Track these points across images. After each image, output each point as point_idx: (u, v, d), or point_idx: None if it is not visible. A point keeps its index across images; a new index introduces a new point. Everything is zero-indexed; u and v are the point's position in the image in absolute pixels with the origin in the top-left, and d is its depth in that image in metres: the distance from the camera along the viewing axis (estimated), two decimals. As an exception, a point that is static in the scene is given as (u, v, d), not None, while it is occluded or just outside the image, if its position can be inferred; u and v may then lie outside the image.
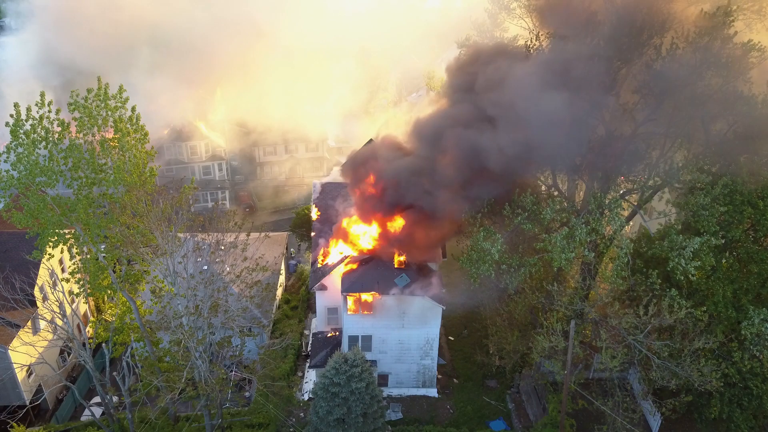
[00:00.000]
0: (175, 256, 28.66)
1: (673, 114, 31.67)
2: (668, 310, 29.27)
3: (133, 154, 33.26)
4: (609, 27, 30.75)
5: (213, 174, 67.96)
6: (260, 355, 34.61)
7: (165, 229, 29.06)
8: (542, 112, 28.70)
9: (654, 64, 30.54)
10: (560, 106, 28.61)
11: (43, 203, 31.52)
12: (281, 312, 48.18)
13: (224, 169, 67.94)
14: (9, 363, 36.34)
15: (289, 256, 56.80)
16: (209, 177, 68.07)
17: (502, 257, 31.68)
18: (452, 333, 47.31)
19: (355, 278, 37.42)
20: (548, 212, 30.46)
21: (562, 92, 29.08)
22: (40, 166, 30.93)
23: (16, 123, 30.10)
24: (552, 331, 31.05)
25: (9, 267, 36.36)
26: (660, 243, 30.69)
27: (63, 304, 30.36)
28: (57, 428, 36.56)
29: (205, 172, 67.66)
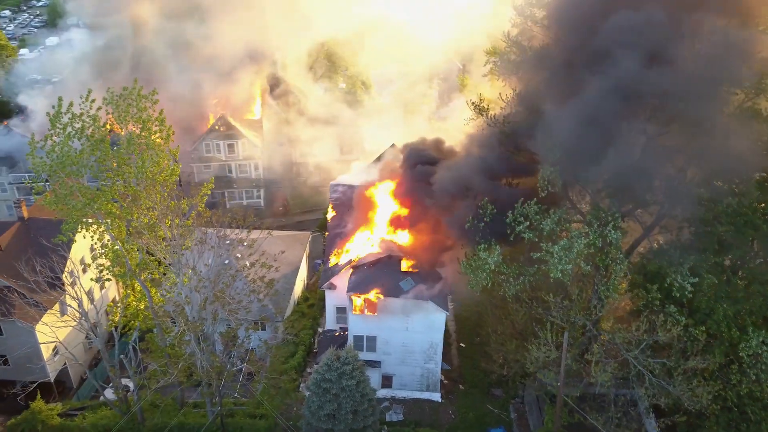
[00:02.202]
0: (178, 249, 30.20)
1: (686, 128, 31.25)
2: (662, 327, 28.90)
3: (155, 153, 35.21)
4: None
5: (249, 172, 70.17)
6: (265, 349, 35.81)
7: (173, 222, 30.71)
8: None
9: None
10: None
11: (69, 191, 33.88)
12: (298, 309, 49.51)
13: (260, 168, 70.05)
14: (36, 341, 38.94)
15: (313, 256, 58.12)
16: (245, 175, 70.31)
17: (500, 267, 31.94)
18: (464, 340, 47.54)
19: (361, 279, 38.33)
20: (548, 223, 30.53)
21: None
22: (71, 156, 33.30)
23: (56, 114, 32.65)
24: (544, 341, 31.09)
25: (42, 251, 38.89)
26: (659, 258, 30.35)
27: (77, 288, 32.38)
28: (74, 405, 38.93)
29: (242, 170, 69.95)
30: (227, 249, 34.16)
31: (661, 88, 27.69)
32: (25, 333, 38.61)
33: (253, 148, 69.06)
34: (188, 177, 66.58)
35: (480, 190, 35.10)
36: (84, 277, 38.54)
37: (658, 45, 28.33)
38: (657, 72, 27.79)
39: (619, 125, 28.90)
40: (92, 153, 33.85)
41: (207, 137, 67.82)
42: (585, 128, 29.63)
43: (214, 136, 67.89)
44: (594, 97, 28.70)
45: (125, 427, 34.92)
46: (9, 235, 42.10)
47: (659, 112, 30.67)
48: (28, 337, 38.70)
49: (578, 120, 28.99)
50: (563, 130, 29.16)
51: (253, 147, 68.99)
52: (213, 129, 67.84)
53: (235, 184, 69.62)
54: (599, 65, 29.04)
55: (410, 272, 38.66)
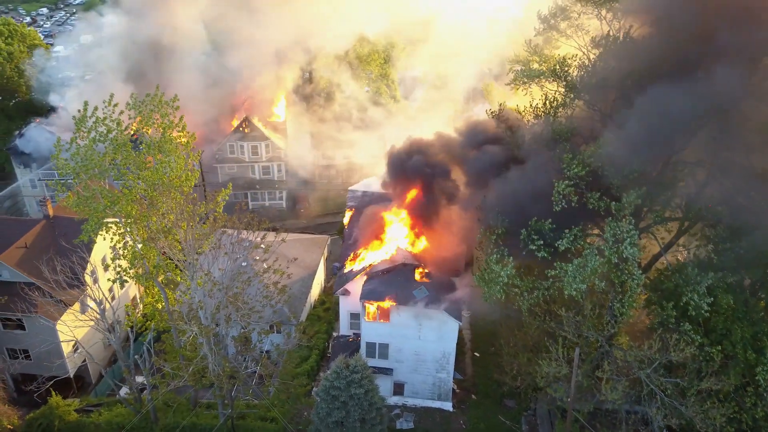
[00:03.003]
0: (193, 253, 30.64)
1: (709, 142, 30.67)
2: (675, 347, 28.41)
3: (175, 158, 35.77)
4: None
5: (272, 174, 70.88)
6: (277, 353, 36.12)
7: (188, 226, 31.16)
8: None
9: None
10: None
11: (92, 193, 34.64)
12: (314, 312, 49.85)
13: (283, 169, 70.69)
14: (56, 338, 39.89)
15: (331, 259, 58.46)
16: (268, 177, 71.03)
17: (512, 280, 31.73)
18: (479, 349, 47.30)
19: (374, 286, 38.43)
20: (563, 243, 30.19)
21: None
22: (94, 160, 34.05)
23: (82, 117, 33.44)
24: (555, 357, 30.81)
25: (64, 250, 39.81)
26: (675, 276, 29.84)
27: (97, 289, 33.09)
28: (91, 401, 39.80)
29: (265, 171, 70.68)
30: (244, 252, 34.47)
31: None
32: (47, 329, 39.59)
33: (277, 150, 69.72)
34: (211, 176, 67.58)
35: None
36: (104, 278, 39.25)
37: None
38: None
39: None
40: (114, 156, 34.57)
41: (231, 138, 68.67)
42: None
43: (238, 137, 68.72)
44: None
45: (138, 425, 35.59)
46: (34, 233, 43.20)
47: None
48: (49, 334, 39.66)
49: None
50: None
51: (277, 149, 69.65)
52: (237, 130, 68.67)
53: (258, 185, 70.34)
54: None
55: (424, 281, 38.65)
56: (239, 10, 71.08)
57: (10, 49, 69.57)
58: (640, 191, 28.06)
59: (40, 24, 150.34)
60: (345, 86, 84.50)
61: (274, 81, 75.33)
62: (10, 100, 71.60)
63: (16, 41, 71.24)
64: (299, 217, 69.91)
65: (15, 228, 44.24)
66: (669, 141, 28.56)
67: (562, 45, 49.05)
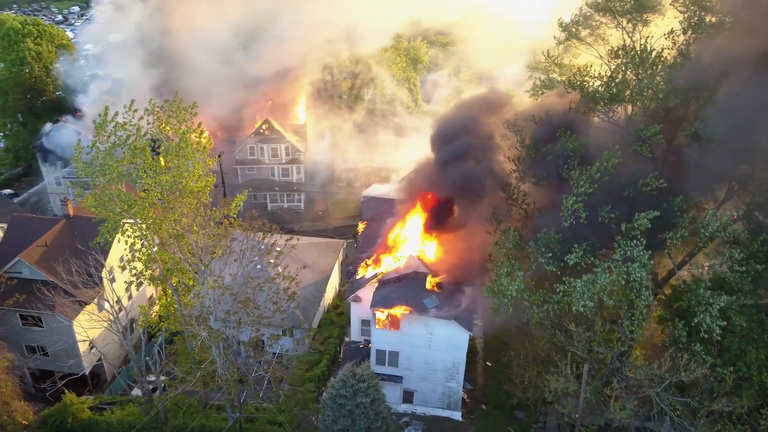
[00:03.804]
0: (204, 258, 30.99)
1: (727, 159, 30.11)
2: (685, 367, 27.92)
3: (192, 163, 36.21)
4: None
5: (291, 176, 71.31)
6: (286, 358, 36.35)
7: (201, 231, 31.54)
8: None
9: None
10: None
11: (109, 196, 35.27)
12: (327, 316, 50.03)
13: (302, 172, 71.08)
14: (73, 336, 40.65)
15: (347, 263, 58.61)
16: (287, 179, 71.48)
17: (521, 293, 31.50)
18: (491, 359, 47.04)
19: (385, 294, 38.45)
20: (573, 257, 29.87)
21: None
22: (112, 165, 34.66)
23: (102, 122, 34.10)
24: (563, 373, 30.50)
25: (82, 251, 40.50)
26: (688, 295, 29.32)
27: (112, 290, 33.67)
28: (104, 399, 40.50)
29: (284, 173, 71.15)
30: (256, 257, 34.78)
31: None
32: (64, 327, 40.38)
33: (296, 153, 70.13)
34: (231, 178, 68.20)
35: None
36: (121, 279, 39.85)
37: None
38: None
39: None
40: (132, 160, 35.14)
41: (251, 140, 69.26)
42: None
43: (259, 139, 69.28)
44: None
45: (149, 425, 36.12)
46: (54, 232, 44.07)
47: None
48: (65, 332, 40.45)
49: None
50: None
51: (296, 151, 70.06)
52: (257, 132, 69.22)
53: (277, 187, 70.82)
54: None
55: (435, 290, 38.57)
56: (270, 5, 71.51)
57: (38, 49, 71.06)
58: (650, 215, 27.57)
59: (71, 22, 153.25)
60: (366, 89, 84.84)
61: (296, 83, 75.83)
62: (38, 99, 73.13)
63: (44, 41, 72.70)
64: (317, 220, 70.21)
65: (36, 226, 45.18)
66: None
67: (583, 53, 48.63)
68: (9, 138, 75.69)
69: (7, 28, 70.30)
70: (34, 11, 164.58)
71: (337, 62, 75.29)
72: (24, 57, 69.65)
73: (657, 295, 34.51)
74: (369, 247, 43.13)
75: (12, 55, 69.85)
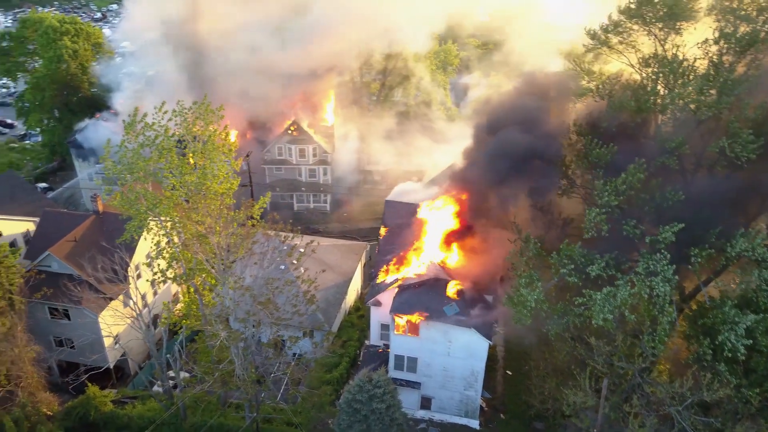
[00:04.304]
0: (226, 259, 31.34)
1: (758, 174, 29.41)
2: (707, 387, 27.25)
3: (218, 165, 36.62)
4: None
5: (318, 177, 71.71)
6: (303, 361, 36.54)
7: (222, 232, 31.90)
8: None
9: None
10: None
11: (136, 195, 35.90)
12: (348, 319, 50.17)
13: (329, 173, 71.44)
14: (99, 330, 41.51)
15: (370, 265, 58.65)
16: (314, 179, 71.90)
17: (541, 305, 31.13)
18: (512, 367, 46.63)
19: (405, 299, 38.38)
20: (594, 269, 29.43)
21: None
22: (140, 164, 35.29)
23: (132, 122, 34.76)
24: (581, 387, 30.04)
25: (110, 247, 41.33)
26: (713, 313, 28.61)
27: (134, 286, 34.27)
28: (127, 393, 41.26)
29: (311, 174, 71.58)
30: (277, 259, 35.05)
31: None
32: (90, 321, 41.25)
33: (323, 154, 70.50)
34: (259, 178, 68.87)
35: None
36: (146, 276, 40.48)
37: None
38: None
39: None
40: (159, 160, 35.71)
41: (279, 140, 69.84)
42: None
43: (287, 139, 69.83)
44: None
45: (168, 420, 36.68)
46: (84, 228, 45.04)
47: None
48: (91, 326, 41.34)
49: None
50: None
51: (324, 152, 70.43)
52: (286, 132, 69.77)
53: (304, 187, 71.27)
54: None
55: (456, 297, 38.36)
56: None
57: (75, 46, 72.74)
58: (675, 227, 26.97)
59: (108, 20, 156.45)
60: (395, 91, 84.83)
61: (326, 83, 76.18)
62: (74, 96, 74.88)
63: (81, 39, 74.40)
64: (342, 221, 70.45)
65: (67, 221, 46.27)
66: None
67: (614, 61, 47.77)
68: (45, 133, 77.65)
69: (46, 26, 72.14)
70: (74, 8, 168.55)
71: (368, 63, 75.40)
72: (61, 54, 71.36)
73: (683, 310, 33.80)
74: (390, 251, 43.07)
75: (50, 53, 71.64)
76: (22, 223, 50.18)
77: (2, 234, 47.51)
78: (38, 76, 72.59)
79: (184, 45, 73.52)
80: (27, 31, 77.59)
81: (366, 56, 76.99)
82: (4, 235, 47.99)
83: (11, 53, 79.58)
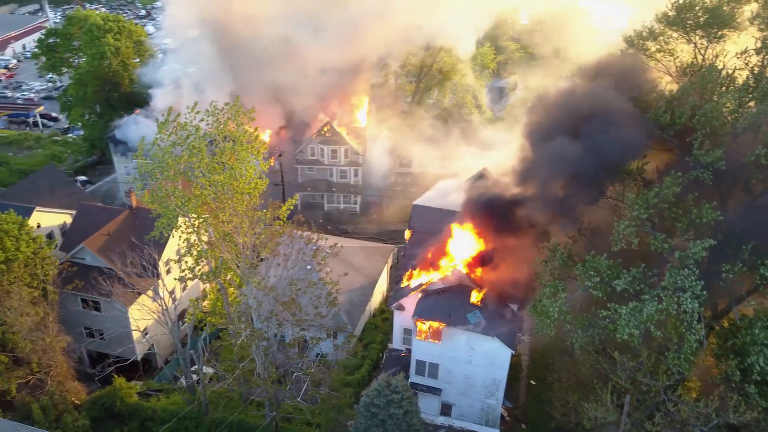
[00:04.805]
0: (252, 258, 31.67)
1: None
2: (734, 408, 26.38)
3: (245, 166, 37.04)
4: None
5: (349, 178, 71.95)
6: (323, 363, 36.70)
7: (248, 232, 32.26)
8: None
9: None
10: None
11: (165, 193, 36.59)
12: (372, 321, 50.19)
13: (359, 174, 71.61)
14: (128, 323, 42.40)
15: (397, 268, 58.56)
16: (345, 180, 72.15)
17: (564, 315, 30.61)
18: (536, 377, 45.99)
19: (428, 305, 38.22)
20: (621, 283, 28.74)
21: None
22: (170, 162, 35.96)
23: (165, 121, 35.48)
24: (602, 402, 29.43)
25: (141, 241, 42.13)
26: (743, 333, 27.68)
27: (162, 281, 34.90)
28: (153, 386, 42.05)
29: (342, 175, 71.85)
30: (302, 261, 35.29)
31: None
32: (119, 314, 42.19)
33: (355, 155, 70.71)
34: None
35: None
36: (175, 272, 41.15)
37: None
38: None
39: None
40: (189, 159, 36.30)
41: (312, 141, 70.29)
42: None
43: (320, 140, 70.21)
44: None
45: (190, 415, 37.24)
46: (117, 222, 46.13)
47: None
48: (121, 318, 42.26)
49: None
50: None
51: (355, 154, 70.64)
52: (319, 133, 70.19)
53: (335, 188, 71.60)
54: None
55: (479, 305, 38.03)
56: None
57: (117, 44, 74.45)
58: (707, 243, 26.13)
59: (153, 17, 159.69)
60: (430, 94, 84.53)
61: (361, 85, 76.33)
62: (115, 92, 76.72)
63: (123, 37, 76.14)
64: (372, 223, 70.57)
65: (101, 215, 47.50)
66: None
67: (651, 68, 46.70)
68: (86, 127, 79.70)
69: (90, 24, 74.06)
70: (120, 6, 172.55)
71: (406, 63, 75.28)
72: (104, 52, 73.16)
73: (714, 327, 32.82)
74: (415, 256, 42.93)
75: (93, 50, 73.50)
76: (60, 215, 51.53)
77: (40, 226, 48.89)
78: (81, 72, 74.53)
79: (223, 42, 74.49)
80: (72, 29, 79.82)
81: (405, 55, 76.88)
82: (43, 226, 49.36)
83: (57, 50, 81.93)
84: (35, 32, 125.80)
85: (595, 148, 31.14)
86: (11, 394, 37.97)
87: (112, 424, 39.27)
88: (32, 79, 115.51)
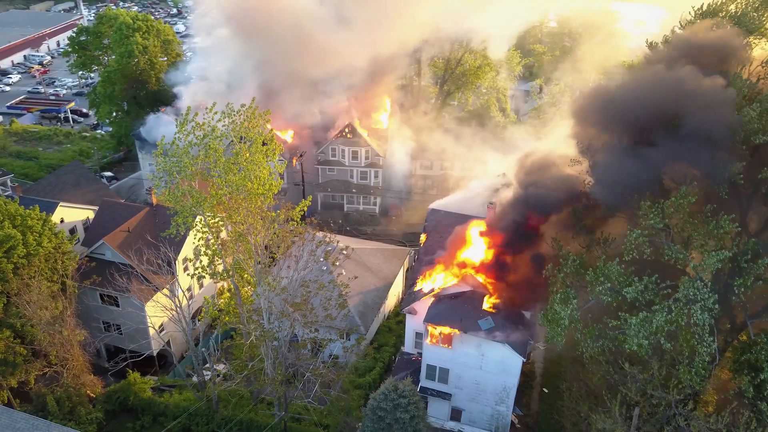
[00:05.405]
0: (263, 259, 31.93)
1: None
2: (745, 425, 25.78)
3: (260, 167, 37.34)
4: None
5: (369, 179, 72.05)
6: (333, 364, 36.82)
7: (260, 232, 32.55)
8: None
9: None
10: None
11: (182, 192, 37.11)
12: (386, 323, 50.18)
13: (379, 176, 71.68)
14: (145, 318, 43.09)
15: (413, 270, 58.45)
16: (365, 182, 72.28)
17: (575, 323, 30.24)
18: (549, 385, 45.49)
19: (440, 310, 38.08)
20: (631, 291, 28.29)
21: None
22: (187, 162, 36.46)
23: (184, 121, 36.01)
24: (611, 413, 28.99)
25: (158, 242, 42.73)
26: (756, 348, 27.03)
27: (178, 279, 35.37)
28: (166, 381, 42.65)
29: (362, 176, 72.00)
30: (314, 263, 35.46)
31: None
32: (137, 310, 42.88)
33: (376, 157, 70.79)
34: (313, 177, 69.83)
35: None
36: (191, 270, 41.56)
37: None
38: None
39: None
40: (206, 159, 36.76)
41: (334, 142, 70.59)
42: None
43: (341, 141, 70.48)
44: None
45: (200, 412, 37.72)
46: (137, 219, 46.93)
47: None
48: (138, 314, 42.97)
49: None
50: None
51: (376, 155, 70.72)
52: (340, 134, 70.45)
53: (354, 189, 71.79)
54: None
55: (492, 311, 37.76)
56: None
57: (145, 43, 75.73)
58: (721, 255, 25.54)
59: (184, 16, 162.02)
60: (453, 97, 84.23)
61: (384, 87, 76.39)
62: (142, 90, 78.04)
63: (152, 36, 77.43)
64: (390, 224, 70.60)
65: (123, 212, 48.35)
66: None
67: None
68: (114, 124, 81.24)
69: (120, 23, 75.49)
70: (151, 4, 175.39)
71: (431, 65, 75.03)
72: (132, 50, 74.46)
73: (732, 341, 32.13)
74: (429, 260, 42.81)
75: (122, 48, 74.87)
76: (83, 210, 52.73)
77: (64, 221, 50.06)
78: (110, 70, 75.97)
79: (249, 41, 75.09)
80: (103, 27, 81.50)
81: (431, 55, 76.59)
82: (66, 221, 50.55)
83: (88, 47, 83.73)
84: (69, 29, 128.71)
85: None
86: (29, 385, 38.89)
87: (125, 418, 39.99)
88: (65, 75, 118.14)
